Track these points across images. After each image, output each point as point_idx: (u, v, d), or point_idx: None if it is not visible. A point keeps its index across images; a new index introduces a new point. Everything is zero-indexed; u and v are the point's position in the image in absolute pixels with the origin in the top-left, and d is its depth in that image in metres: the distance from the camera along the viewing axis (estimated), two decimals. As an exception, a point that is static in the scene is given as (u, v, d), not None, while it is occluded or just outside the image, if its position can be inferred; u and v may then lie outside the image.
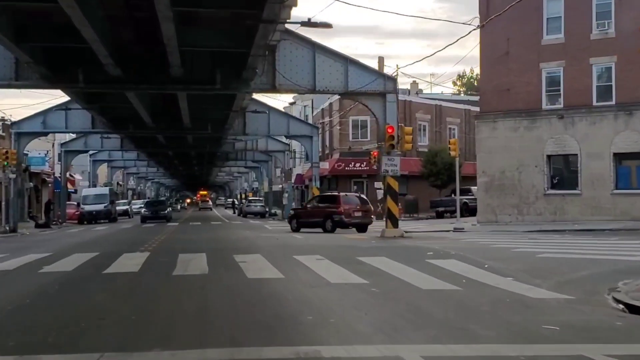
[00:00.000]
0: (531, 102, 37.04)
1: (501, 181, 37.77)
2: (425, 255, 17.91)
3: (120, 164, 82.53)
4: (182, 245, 24.47)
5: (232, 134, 48.76)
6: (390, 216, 27.02)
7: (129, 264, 16.85)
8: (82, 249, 23.71)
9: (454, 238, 26.46)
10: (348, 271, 14.43)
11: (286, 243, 24.05)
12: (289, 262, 16.64)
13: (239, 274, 14.40)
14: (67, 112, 45.16)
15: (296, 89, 27.37)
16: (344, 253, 19.10)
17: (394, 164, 26.96)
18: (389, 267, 15.20)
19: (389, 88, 27.55)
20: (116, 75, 25.49)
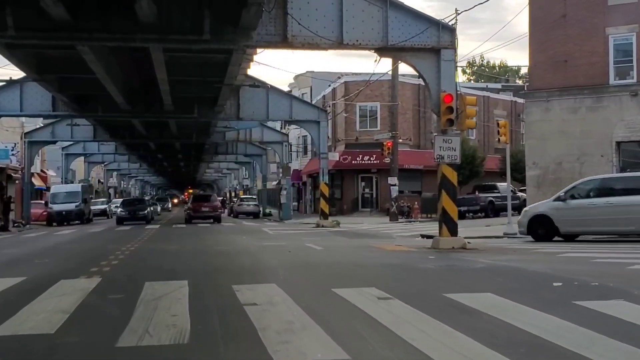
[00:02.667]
0: (595, 76, 29.96)
1: (557, 174, 30.62)
2: (561, 290, 10.62)
3: (98, 158, 75.19)
4: (155, 262, 17.14)
5: (223, 118, 41.39)
6: (446, 220, 19.58)
7: (49, 308, 9.48)
8: (12, 268, 16.63)
9: (534, 250, 19.18)
10: (460, 333, 7.28)
11: (306, 260, 16.68)
12: (333, 306, 9.36)
13: (253, 348, 7.04)
14: (22, 90, 37.71)
15: (316, 43, 19.77)
16: (411, 282, 11.90)
17: (451, 147, 19.54)
18: (526, 320, 8.00)
19: (444, 41, 20.00)
20: (61, 19, 18.03)
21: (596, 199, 21.39)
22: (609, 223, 21.01)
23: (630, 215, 20.26)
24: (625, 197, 20.76)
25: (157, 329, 7.90)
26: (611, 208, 20.67)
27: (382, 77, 44.19)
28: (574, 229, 21.89)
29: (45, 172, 74.79)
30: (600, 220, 21.01)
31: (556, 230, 21.99)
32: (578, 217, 21.27)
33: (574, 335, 7.25)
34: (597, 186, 22.28)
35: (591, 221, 21.23)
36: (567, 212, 21.68)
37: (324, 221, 39.41)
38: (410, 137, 55.26)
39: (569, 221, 21.69)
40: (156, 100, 34.12)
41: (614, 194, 21.21)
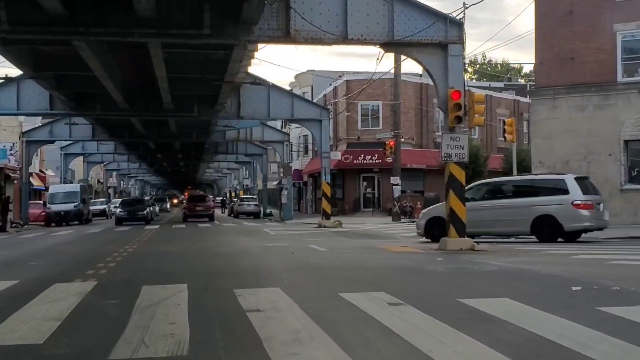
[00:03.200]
0: (603, 74, 29.35)
1: (564, 174, 29.93)
2: (581, 295, 10.04)
3: (97, 158, 74.56)
4: (153, 264, 16.55)
5: (223, 117, 40.74)
6: (454, 220, 18.95)
7: (39, 315, 8.91)
8: (5, 270, 16.10)
9: (544, 251, 18.60)
10: (482, 344, 6.70)
11: (310, 262, 16.10)
12: (342, 312, 8.78)
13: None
14: (19, 88, 37.08)
15: (320, 38, 19.09)
16: (422, 286, 11.32)
17: (459, 145, 18.90)
18: (550, 328, 7.44)
19: (452, 36, 19.32)
20: (56, 13, 17.42)
21: (489, 201, 22.49)
22: (501, 224, 21.96)
23: (520, 216, 21.31)
24: (515, 199, 21.94)
25: (154, 338, 7.33)
26: (503, 210, 21.79)
27: (384, 75, 43.57)
28: (469, 230, 22.08)
29: (44, 172, 74.22)
30: (493, 221, 21.96)
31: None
32: (472, 219, 21.41)
33: (605, 346, 6.71)
34: (490, 189, 23.51)
35: (484, 222, 21.97)
36: None
37: (325, 221, 38.83)
38: (412, 136, 54.67)
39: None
40: (155, 99, 33.51)
41: (505, 197, 22.41)
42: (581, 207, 21.09)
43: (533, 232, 21.51)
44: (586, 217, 21.31)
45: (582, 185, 21.95)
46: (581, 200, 21.12)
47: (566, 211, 20.75)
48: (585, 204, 21.18)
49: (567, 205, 20.89)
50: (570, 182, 21.70)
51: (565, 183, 21.59)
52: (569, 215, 20.91)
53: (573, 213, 21.01)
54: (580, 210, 21.12)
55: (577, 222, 21.26)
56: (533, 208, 20.96)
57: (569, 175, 23.23)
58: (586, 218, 21.32)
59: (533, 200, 21.33)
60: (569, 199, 21.09)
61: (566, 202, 20.91)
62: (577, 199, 21.13)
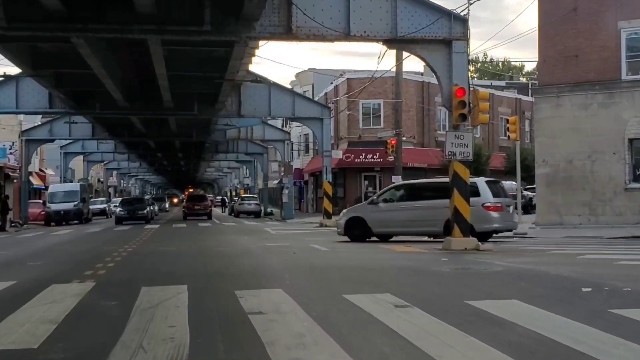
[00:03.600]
0: (607, 72, 29.01)
1: (568, 172, 29.68)
2: (592, 297, 9.79)
3: (97, 157, 74.28)
4: (153, 265, 16.31)
5: (224, 115, 40.46)
6: (458, 220, 18.66)
7: (35, 318, 8.64)
8: (2, 271, 15.86)
9: (550, 251, 18.38)
10: (493, 349, 6.43)
11: (312, 262, 15.83)
12: (346, 315, 8.50)
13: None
14: (18, 86, 36.83)
15: (322, 34, 18.78)
16: (427, 288, 11.05)
17: (463, 144, 18.62)
18: (563, 332, 7.17)
19: (456, 32, 19.00)
20: (54, 9, 17.14)
21: (404, 202, 23.38)
22: (416, 224, 22.69)
23: (434, 217, 21.89)
24: (430, 200, 22.47)
25: (153, 342, 7.07)
26: (418, 211, 22.50)
27: (386, 74, 43.25)
28: (386, 230, 23.37)
29: (43, 171, 73.94)
30: (409, 222, 22.71)
31: (370, 231, 23.35)
32: (389, 219, 22.93)
33: (621, 351, 6.46)
34: (407, 190, 24.47)
35: (401, 222, 22.90)
36: (379, 215, 23.30)
37: (327, 220, 38.56)
38: (414, 135, 54.36)
39: (381, 223, 23.22)
40: (155, 97, 33.25)
41: (421, 198, 23.04)
42: (491, 209, 21.88)
43: (445, 232, 21.77)
44: (496, 218, 22.13)
45: (493, 188, 22.73)
46: (491, 203, 21.88)
47: (477, 213, 21.10)
48: (495, 206, 21.97)
49: (477, 207, 21.28)
50: (482, 185, 22.44)
51: (477, 186, 22.16)
52: (480, 216, 21.41)
53: (483, 215, 21.65)
54: (490, 212, 21.89)
55: (487, 224, 21.97)
56: (446, 209, 21.12)
57: (480, 178, 24.08)
58: (496, 220, 22.16)
59: (446, 202, 21.40)
60: (480, 201, 21.63)
61: (477, 204, 21.31)
62: (488, 201, 21.86)
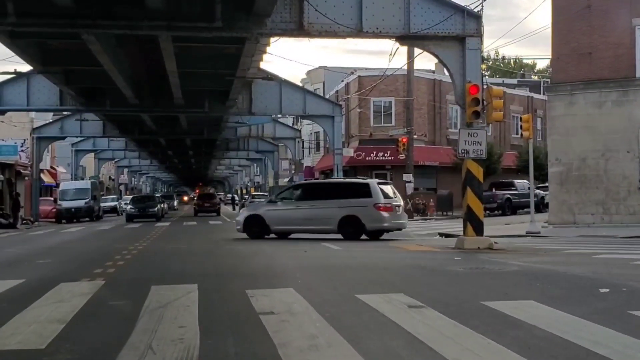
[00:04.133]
0: (621, 69, 28.62)
1: (581, 171, 29.33)
2: (610, 298, 9.57)
3: (108, 155, 74.24)
4: (163, 262, 16.18)
5: (235, 113, 40.26)
6: (471, 218, 18.42)
7: (43, 318, 8.50)
8: (12, 268, 15.76)
9: (565, 251, 18.12)
10: (513, 352, 6.26)
11: (324, 261, 15.64)
12: (360, 316, 8.32)
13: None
14: (29, 84, 36.76)
15: (334, 30, 18.57)
16: (442, 288, 10.86)
17: (477, 142, 18.38)
18: (584, 335, 7.01)
19: (470, 29, 18.75)
20: (64, 6, 17.00)
21: (302, 202, 24.35)
22: (312, 223, 23.65)
23: (329, 216, 23.15)
24: (325, 200, 23.64)
25: (162, 344, 6.91)
26: (314, 210, 23.58)
27: (397, 71, 43.02)
28: (283, 228, 24.39)
29: (55, 169, 74.00)
30: (305, 220, 23.76)
31: (268, 229, 24.30)
32: (287, 217, 24.07)
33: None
34: (304, 189, 25.76)
35: (298, 221, 23.91)
36: (277, 213, 24.37)
37: (338, 219, 38.26)
38: (425, 133, 54.11)
39: (278, 221, 24.26)
40: (166, 94, 33.09)
41: (318, 197, 24.08)
42: (382, 209, 22.90)
43: (340, 230, 23.14)
44: (386, 218, 23.12)
45: (384, 189, 23.72)
46: (382, 203, 22.91)
47: (369, 212, 22.67)
48: (385, 206, 22.98)
49: (369, 207, 22.75)
50: (373, 186, 23.54)
51: (369, 187, 23.40)
52: (371, 216, 22.78)
53: (375, 214, 22.86)
54: (381, 212, 22.91)
55: (378, 223, 23.11)
56: (340, 209, 22.88)
57: (373, 180, 25.81)
58: (386, 219, 23.14)
59: (341, 202, 23.11)
60: (372, 202, 22.84)
61: (369, 205, 22.75)
62: (379, 202, 22.89)
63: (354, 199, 23.33)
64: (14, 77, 36.87)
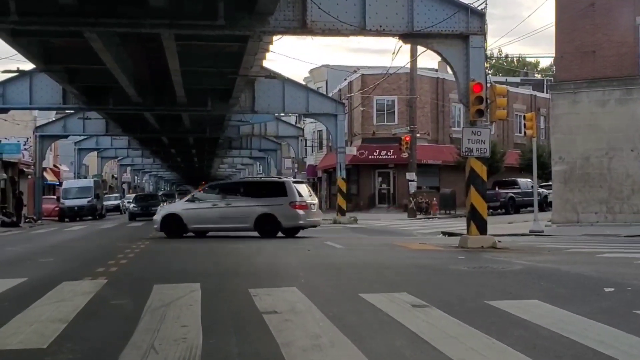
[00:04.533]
0: (625, 68, 28.64)
1: (584, 170, 29.31)
2: (616, 297, 9.52)
3: (111, 153, 74.25)
4: (166, 261, 16.16)
5: (237, 111, 40.19)
6: (475, 217, 18.38)
7: (44, 317, 8.45)
8: (14, 267, 15.64)
9: (569, 250, 18.08)
10: (519, 352, 6.19)
11: (327, 260, 15.59)
12: (364, 315, 8.28)
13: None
14: (32, 82, 36.75)
15: (337, 29, 18.52)
16: (445, 287, 10.82)
17: (480, 140, 18.33)
18: (589, 335, 6.93)
19: (473, 27, 18.69)
20: (66, 4, 16.96)
21: (219, 200, 24.85)
22: (229, 221, 24.22)
23: (246, 214, 23.88)
24: (242, 199, 24.46)
25: (164, 343, 6.85)
26: (231, 208, 24.19)
27: (400, 70, 42.93)
28: (201, 226, 24.78)
29: (57, 167, 74.09)
30: (222, 218, 24.30)
31: (185, 228, 24.55)
32: (204, 216, 24.47)
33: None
34: (222, 189, 26.51)
35: (215, 219, 24.43)
36: (195, 212, 24.66)
37: (341, 217, 38.31)
38: (428, 132, 54.03)
39: (196, 219, 24.57)
40: (168, 93, 33.04)
41: (234, 196, 24.82)
42: (297, 208, 23.77)
43: (256, 228, 23.84)
44: (302, 216, 23.96)
45: (299, 188, 24.67)
46: (298, 202, 23.81)
47: (284, 210, 23.57)
48: (300, 204, 23.88)
49: (285, 206, 23.67)
50: (289, 185, 24.55)
51: (285, 186, 24.37)
52: (287, 214, 23.67)
53: (290, 212, 23.73)
54: (296, 210, 23.78)
55: (293, 221, 23.95)
56: (257, 207, 23.73)
57: (288, 179, 26.98)
58: (301, 217, 23.98)
59: (257, 201, 24.00)
60: (287, 200, 23.77)
61: (285, 203, 23.67)
62: (294, 200, 23.80)
63: (271, 197, 24.11)
64: (16, 76, 36.81)
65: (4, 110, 39.93)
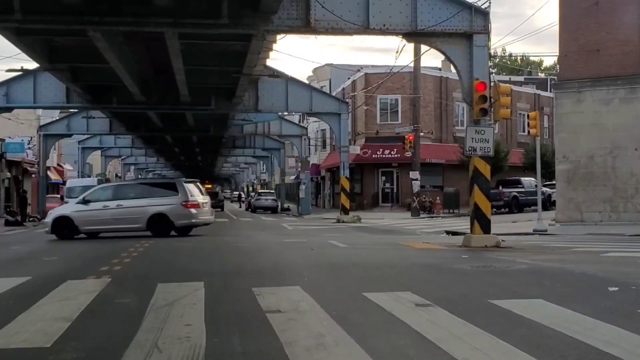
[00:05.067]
0: (629, 66, 28.52)
1: (588, 169, 29.24)
2: (620, 297, 9.51)
3: (115, 152, 74.30)
4: (170, 260, 16.16)
5: (241, 110, 40.17)
6: (478, 216, 18.36)
7: (49, 316, 8.47)
8: (19, 266, 15.68)
9: (573, 249, 18.05)
10: (523, 352, 6.17)
11: (331, 259, 15.58)
12: (367, 314, 8.28)
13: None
14: (36, 81, 36.77)
15: (340, 27, 18.51)
16: (449, 286, 10.80)
17: (484, 139, 18.30)
18: (594, 335, 6.90)
19: (477, 26, 18.69)
20: (70, 2, 16.97)
21: (111, 202, 25.06)
22: (121, 222, 24.53)
23: (138, 215, 24.35)
24: (135, 200, 24.86)
25: (168, 342, 6.86)
26: (123, 209, 24.50)
27: (404, 69, 42.90)
28: (92, 228, 25.00)
29: (61, 166, 74.16)
30: (114, 219, 24.59)
31: (77, 230, 24.80)
32: (95, 217, 24.72)
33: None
34: (113, 190, 26.67)
35: (107, 220, 24.70)
36: (86, 214, 24.84)
37: (344, 216, 38.30)
38: (431, 131, 54.00)
39: (87, 221, 24.81)
40: (172, 91, 33.04)
41: (125, 197, 25.15)
42: (189, 207, 24.41)
43: (149, 228, 24.30)
44: (194, 214, 24.64)
45: (191, 187, 25.34)
46: (189, 201, 24.44)
47: (176, 210, 24.24)
48: (192, 203, 24.51)
49: (177, 205, 24.34)
50: (181, 185, 25.28)
51: (176, 186, 25.16)
52: (179, 213, 24.32)
53: (182, 211, 24.39)
54: (188, 209, 24.42)
55: (185, 219, 24.59)
56: (149, 208, 24.24)
57: (180, 179, 28.15)
58: (193, 215, 24.67)
59: (149, 201, 24.48)
60: (179, 200, 24.45)
61: (177, 203, 24.36)
62: (186, 199, 24.44)
63: (162, 198, 24.69)
64: (20, 75, 36.83)
65: (8, 109, 39.94)
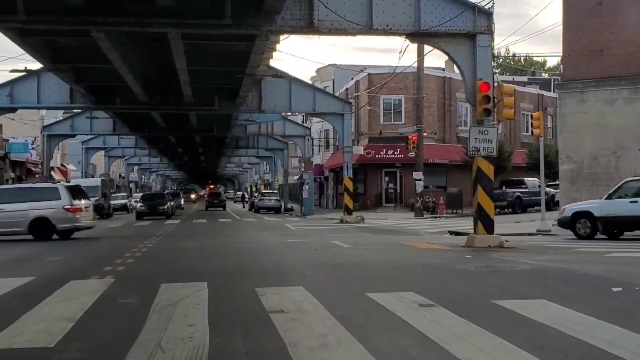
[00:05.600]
0: (632, 67, 28.53)
1: (592, 169, 29.22)
2: (623, 297, 9.50)
3: (118, 152, 74.39)
4: (173, 260, 16.16)
5: (244, 110, 40.19)
6: (482, 216, 18.35)
7: (52, 316, 8.48)
8: (22, 266, 15.71)
9: (576, 249, 18.02)
10: (526, 353, 6.17)
11: (334, 259, 15.58)
12: (370, 315, 8.28)
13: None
14: (39, 82, 36.84)
15: (344, 28, 18.53)
16: (452, 286, 10.81)
17: (487, 139, 18.29)
18: (598, 335, 6.91)
19: (480, 26, 18.69)
20: (74, 3, 16.98)
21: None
22: (2, 225, 24.33)
23: (20, 218, 24.42)
24: (15, 204, 24.69)
25: (171, 342, 6.87)
26: (3, 213, 24.31)
27: (407, 69, 42.89)
28: None
29: (65, 166, 74.30)
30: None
31: None
32: None
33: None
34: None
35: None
36: None
37: (348, 217, 38.27)
38: (435, 131, 53.95)
39: None
40: (175, 92, 33.08)
41: (6, 201, 24.77)
42: (71, 211, 24.78)
43: (30, 231, 24.60)
44: (76, 218, 25.04)
45: (73, 192, 25.79)
46: (70, 205, 24.81)
47: (58, 214, 24.55)
48: (74, 207, 24.92)
49: (59, 209, 24.61)
50: (62, 189, 25.56)
51: (58, 191, 25.38)
52: (61, 217, 24.65)
53: (64, 215, 24.70)
54: (70, 213, 24.77)
55: (67, 223, 24.94)
56: (31, 211, 24.43)
57: (61, 183, 29.01)
58: (76, 219, 25.07)
59: (31, 205, 24.61)
60: (61, 204, 24.69)
61: (59, 207, 24.62)
62: (67, 204, 24.77)
63: (44, 202, 24.78)
64: (24, 75, 36.88)
65: (12, 109, 40.00)
